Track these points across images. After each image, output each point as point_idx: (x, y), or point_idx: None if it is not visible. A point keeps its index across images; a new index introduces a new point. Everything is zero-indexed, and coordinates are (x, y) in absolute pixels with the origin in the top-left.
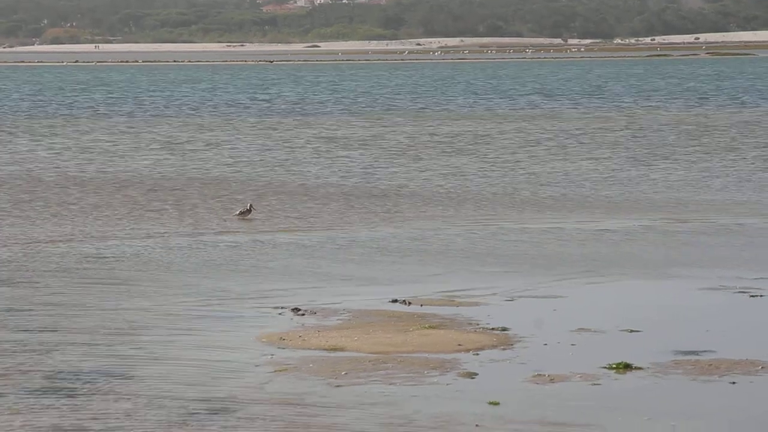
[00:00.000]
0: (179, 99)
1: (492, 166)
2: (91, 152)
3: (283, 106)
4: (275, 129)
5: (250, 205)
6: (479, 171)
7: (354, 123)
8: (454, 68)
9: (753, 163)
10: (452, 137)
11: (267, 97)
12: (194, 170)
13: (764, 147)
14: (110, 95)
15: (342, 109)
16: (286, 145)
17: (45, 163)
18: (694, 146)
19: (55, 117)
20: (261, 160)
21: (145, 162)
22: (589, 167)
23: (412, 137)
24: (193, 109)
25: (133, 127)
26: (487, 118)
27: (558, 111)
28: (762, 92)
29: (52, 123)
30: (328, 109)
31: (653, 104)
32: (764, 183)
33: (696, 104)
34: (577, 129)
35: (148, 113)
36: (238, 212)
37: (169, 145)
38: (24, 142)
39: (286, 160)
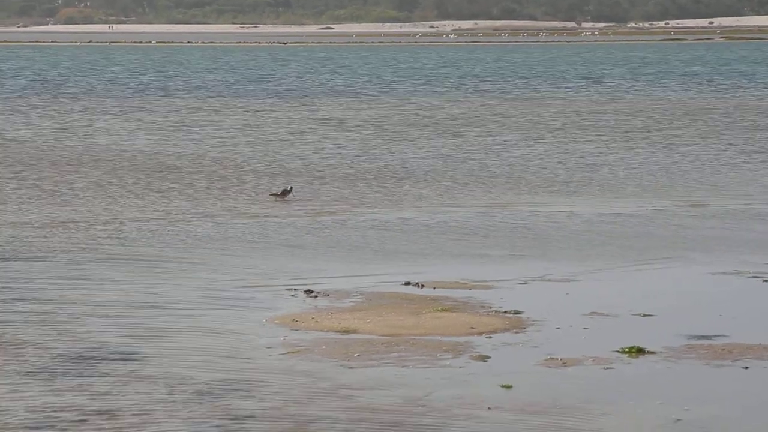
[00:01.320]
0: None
1: (501, 148)
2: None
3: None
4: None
5: (291, 187)
6: (488, 153)
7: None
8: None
9: (765, 148)
10: (456, 118)
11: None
12: (204, 151)
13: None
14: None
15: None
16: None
17: (56, 142)
18: (703, 130)
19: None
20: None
21: (150, 143)
22: (599, 151)
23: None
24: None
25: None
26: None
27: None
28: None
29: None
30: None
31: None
32: None
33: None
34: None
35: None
36: (279, 192)
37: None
38: (42, 120)
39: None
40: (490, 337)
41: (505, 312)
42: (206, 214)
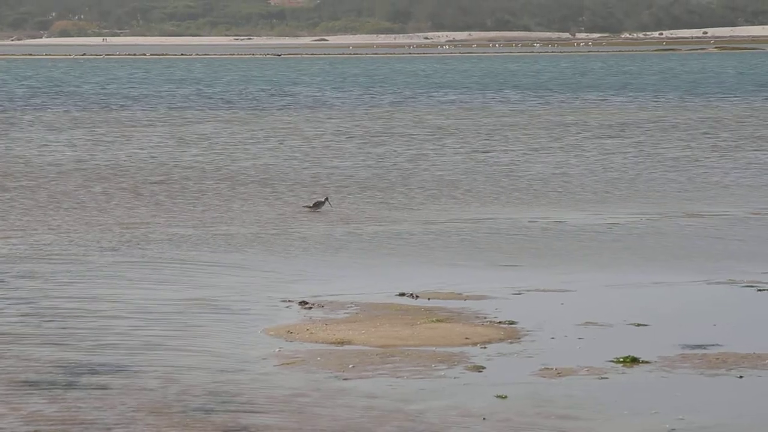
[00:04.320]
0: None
1: (496, 160)
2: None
3: None
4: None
5: (326, 198)
6: (485, 164)
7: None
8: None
9: (758, 158)
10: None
11: None
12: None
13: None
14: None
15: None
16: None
17: (63, 155)
18: (697, 140)
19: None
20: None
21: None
22: (592, 162)
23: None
24: None
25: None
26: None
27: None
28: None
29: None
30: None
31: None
32: None
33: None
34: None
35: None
36: (312, 204)
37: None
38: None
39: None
40: (485, 348)
41: (500, 322)
42: (197, 225)
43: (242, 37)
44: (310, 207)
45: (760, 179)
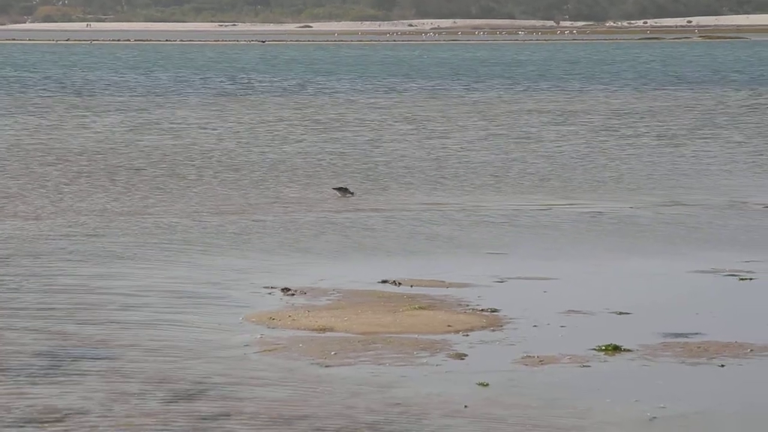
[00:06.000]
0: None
1: (479, 147)
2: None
3: None
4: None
5: (346, 187)
6: (466, 152)
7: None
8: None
9: (742, 147)
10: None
11: None
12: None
13: (751, 130)
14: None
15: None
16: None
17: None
18: (681, 128)
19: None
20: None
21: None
22: (573, 149)
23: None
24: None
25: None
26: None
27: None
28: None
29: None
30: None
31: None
32: (755, 165)
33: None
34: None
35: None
36: (339, 189)
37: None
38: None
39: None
40: (467, 335)
41: (482, 310)
42: (181, 212)
43: (227, 24)
44: (338, 191)
45: (738, 166)
